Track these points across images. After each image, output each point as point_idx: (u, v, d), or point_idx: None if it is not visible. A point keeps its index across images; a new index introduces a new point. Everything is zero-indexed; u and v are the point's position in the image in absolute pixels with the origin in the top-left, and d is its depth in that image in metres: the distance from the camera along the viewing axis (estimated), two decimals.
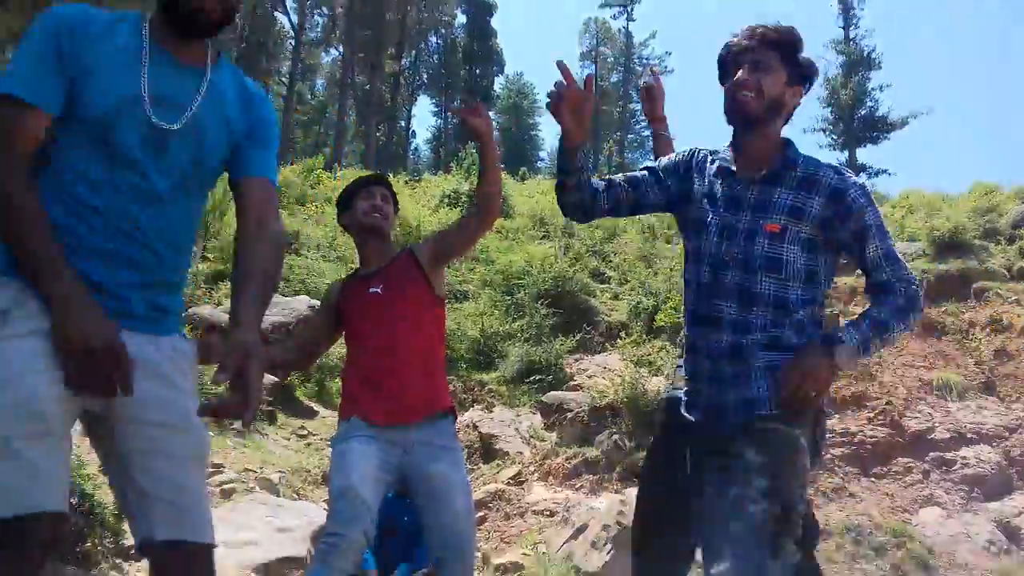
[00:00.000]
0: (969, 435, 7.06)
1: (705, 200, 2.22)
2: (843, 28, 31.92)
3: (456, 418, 2.96)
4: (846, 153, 30.58)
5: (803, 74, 2.20)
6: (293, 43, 39.14)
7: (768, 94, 2.13)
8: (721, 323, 2.11)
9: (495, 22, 45.98)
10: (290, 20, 38.81)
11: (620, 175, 2.37)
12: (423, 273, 2.93)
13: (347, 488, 2.61)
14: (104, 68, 1.64)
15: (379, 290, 2.90)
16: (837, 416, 7.30)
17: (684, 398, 2.22)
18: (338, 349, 8.65)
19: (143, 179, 1.67)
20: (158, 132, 1.67)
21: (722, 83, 2.22)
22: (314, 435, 7.79)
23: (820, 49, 37.42)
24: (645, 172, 2.36)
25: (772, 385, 2.03)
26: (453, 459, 2.80)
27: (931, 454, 6.91)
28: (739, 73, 2.14)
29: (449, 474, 2.74)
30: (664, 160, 2.38)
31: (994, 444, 6.95)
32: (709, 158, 2.30)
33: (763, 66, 2.13)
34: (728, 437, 2.03)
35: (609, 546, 5.37)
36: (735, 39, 2.19)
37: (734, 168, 2.21)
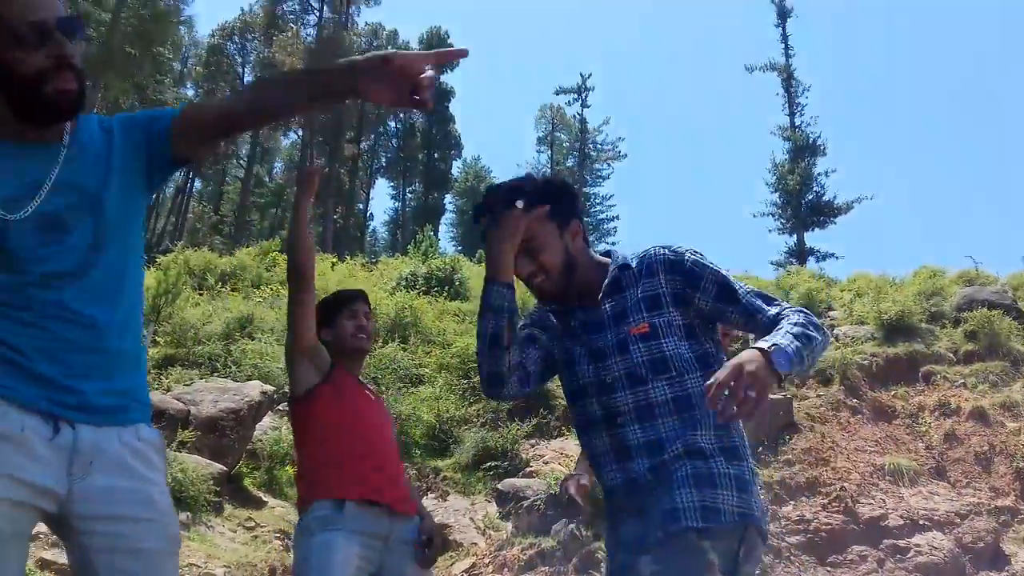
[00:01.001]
0: (922, 521, 7.07)
1: (564, 338, 2.09)
2: (788, 116, 33.13)
3: None
4: (795, 237, 31.37)
5: (569, 209, 2.09)
6: None
7: (556, 268, 2.04)
8: (631, 451, 1.91)
9: (453, 107, 46.95)
10: None
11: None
12: None
13: None
14: None
15: (366, 389, 3.07)
16: (792, 503, 7.30)
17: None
18: (288, 436, 8.50)
19: (59, 263, 1.62)
20: (48, 218, 1.61)
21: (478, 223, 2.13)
22: (262, 527, 7.52)
23: (767, 136, 38.75)
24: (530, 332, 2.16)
25: (695, 495, 1.81)
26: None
27: (885, 541, 6.89)
28: (519, 267, 2.03)
29: None
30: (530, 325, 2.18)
31: (946, 531, 6.97)
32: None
33: (537, 244, 2.03)
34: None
35: None
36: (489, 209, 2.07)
37: (578, 301, 2.08)
